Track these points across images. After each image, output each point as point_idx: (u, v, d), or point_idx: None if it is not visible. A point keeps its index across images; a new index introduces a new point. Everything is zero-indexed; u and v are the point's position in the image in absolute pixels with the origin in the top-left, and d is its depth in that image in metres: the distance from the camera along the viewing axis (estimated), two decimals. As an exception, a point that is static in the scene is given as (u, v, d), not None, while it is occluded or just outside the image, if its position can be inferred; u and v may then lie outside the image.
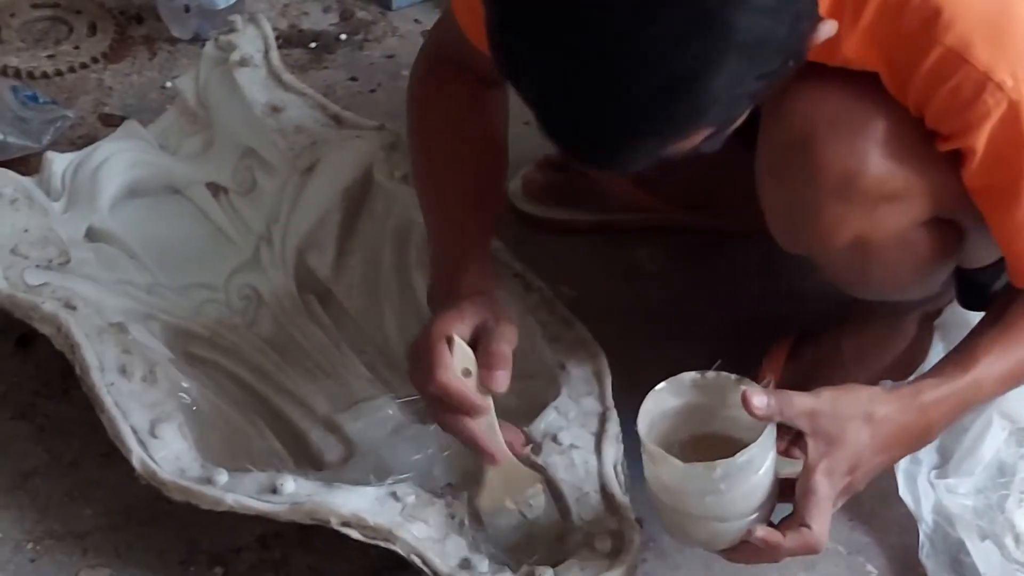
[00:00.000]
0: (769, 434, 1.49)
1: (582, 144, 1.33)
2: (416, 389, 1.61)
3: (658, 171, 1.36)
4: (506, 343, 1.56)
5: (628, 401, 1.74)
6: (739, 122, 1.38)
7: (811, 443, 1.51)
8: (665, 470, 1.50)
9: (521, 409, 1.73)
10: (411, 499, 1.61)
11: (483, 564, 1.58)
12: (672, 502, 1.53)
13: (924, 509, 1.75)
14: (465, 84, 1.75)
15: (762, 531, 1.51)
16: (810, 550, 1.51)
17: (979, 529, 1.72)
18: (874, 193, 1.51)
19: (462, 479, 1.68)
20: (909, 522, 1.76)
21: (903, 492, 1.76)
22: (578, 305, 1.86)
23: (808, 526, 1.50)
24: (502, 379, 1.55)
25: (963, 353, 1.59)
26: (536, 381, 1.76)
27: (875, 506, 1.80)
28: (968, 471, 1.78)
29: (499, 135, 1.78)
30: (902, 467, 1.76)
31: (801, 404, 1.51)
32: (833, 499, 1.51)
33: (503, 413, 1.69)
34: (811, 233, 1.57)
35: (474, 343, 1.57)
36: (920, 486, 1.77)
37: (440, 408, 1.57)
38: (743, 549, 1.54)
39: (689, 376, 1.56)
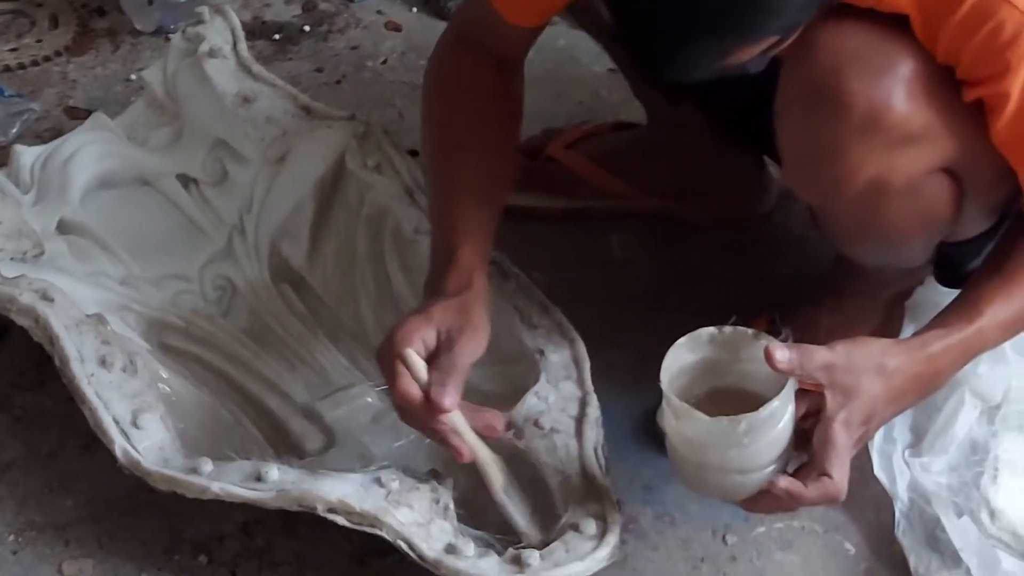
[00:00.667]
0: (790, 387, 1.52)
1: (658, 39, 1.37)
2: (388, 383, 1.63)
3: (712, 87, 1.43)
4: (465, 355, 1.59)
5: (604, 385, 1.77)
6: (791, 40, 1.43)
7: (829, 395, 1.54)
8: (689, 425, 1.53)
9: (503, 394, 1.76)
10: (395, 485, 1.62)
11: (469, 548, 1.60)
12: (694, 455, 1.56)
13: (900, 487, 1.77)
14: (486, 70, 1.77)
15: (785, 482, 1.54)
16: (831, 500, 1.55)
17: (955, 506, 1.74)
18: (897, 132, 1.53)
19: (445, 465, 1.69)
20: (885, 500, 1.78)
21: (878, 471, 1.78)
22: (551, 291, 1.88)
23: (829, 475, 1.53)
24: (449, 395, 1.57)
25: (966, 304, 1.63)
26: (517, 366, 1.78)
27: (851, 485, 1.80)
28: (942, 450, 1.80)
29: (514, 126, 1.81)
30: (877, 446, 1.79)
31: (820, 358, 1.54)
32: (850, 449, 1.55)
33: (485, 398, 1.71)
34: (831, 172, 1.58)
35: (437, 350, 1.60)
36: (895, 465, 1.79)
37: (404, 413, 1.61)
38: (761, 499, 1.57)
39: (707, 331, 1.59)
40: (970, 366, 1.72)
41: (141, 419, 1.69)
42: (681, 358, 1.58)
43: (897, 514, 1.76)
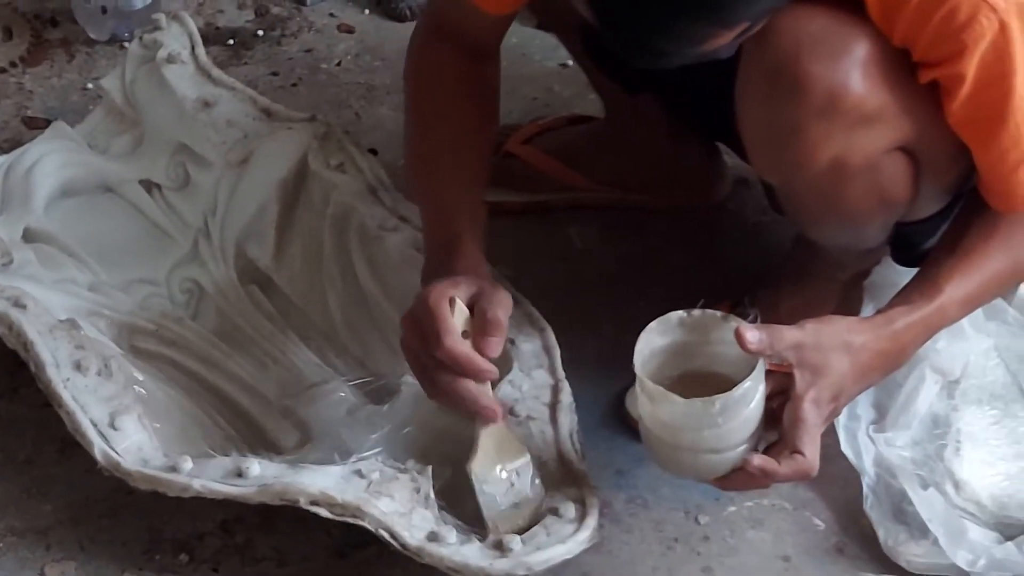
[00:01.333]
0: (761, 367, 1.56)
1: (637, 27, 1.41)
2: (410, 354, 1.64)
3: (670, 76, 1.48)
4: (501, 309, 1.62)
5: (572, 374, 1.79)
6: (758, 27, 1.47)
7: (798, 374, 1.58)
8: (664, 407, 1.56)
9: (475, 384, 1.78)
10: (376, 475, 1.64)
11: (451, 535, 1.62)
12: (668, 437, 1.59)
13: (866, 462, 1.81)
14: (461, 60, 1.80)
15: (759, 460, 1.57)
16: (804, 476, 1.58)
17: (920, 479, 1.78)
18: (855, 112, 1.57)
19: (423, 455, 1.71)
20: (851, 476, 1.81)
21: (844, 447, 1.81)
22: (516, 284, 1.89)
23: (801, 453, 1.56)
24: (496, 345, 1.61)
25: (926, 281, 1.68)
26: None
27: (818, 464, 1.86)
28: (905, 425, 1.84)
29: (492, 114, 1.84)
30: (842, 424, 1.82)
31: (790, 337, 1.57)
32: (820, 426, 1.59)
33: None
34: (792, 153, 1.61)
35: (469, 309, 1.62)
36: (860, 441, 1.82)
37: (440, 372, 1.61)
38: (735, 477, 1.60)
39: (676, 315, 1.62)
40: (930, 343, 1.76)
41: (119, 421, 1.70)
42: (652, 342, 1.61)
43: (864, 489, 1.79)
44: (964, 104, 1.57)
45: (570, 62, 2.43)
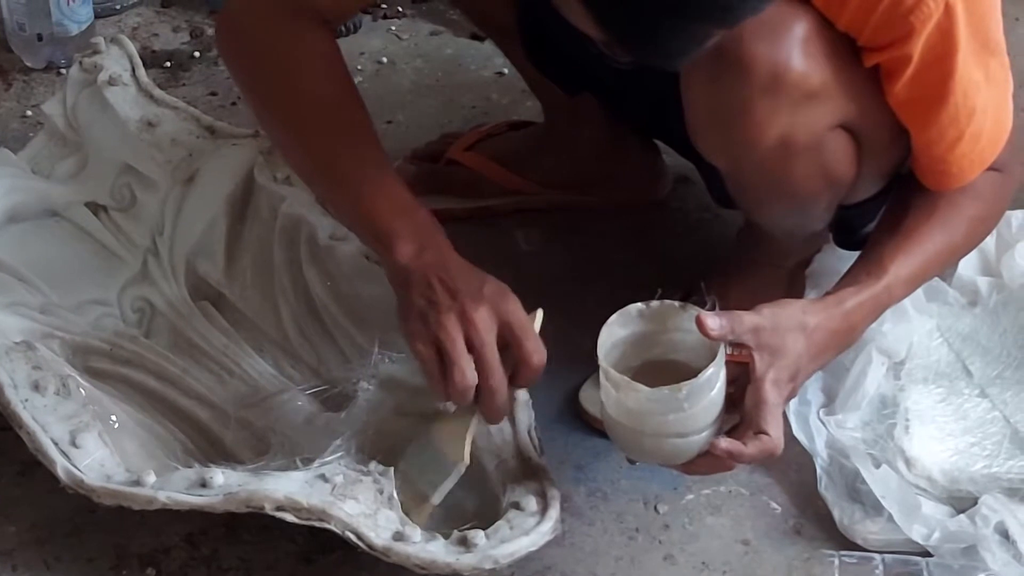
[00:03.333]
0: (722, 352, 1.59)
1: (646, 29, 1.42)
2: (449, 328, 1.63)
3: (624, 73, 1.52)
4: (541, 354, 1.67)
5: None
6: None
7: (757, 356, 1.62)
8: (630, 396, 1.60)
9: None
10: (339, 479, 1.66)
11: (415, 534, 1.63)
12: (634, 424, 1.62)
13: (818, 445, 1.84)
14: (319, 36, 1.76)
15: (725, 443, 1.60)
16: (770, 454, 1.62)
17: (872, 458, 1.81)
18: (798, 90, 1.61)
19: (383, 459, 1.73)
20: (805, 460, 1.85)
21: (797, 432, 1.85)
22: (464, 288, 1.93)
23: (766, 432, 1.60)
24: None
25: (872, 262, 1.73)
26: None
27: (772, 447, 1.89)
28: (854, 406, 1.87)
29: (350, 80, 1.80)
30: (793, 409, 1.85)
31: (749, 321, 1.62)
32: (781, 405, 1.63)
33: (420, 391, 1.76)
34: (739, 133, 1.65)
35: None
36: (812, 424, 1.86)
37: (467, 360, 1.62)
38: (701, 462, 1.63)
39: (636, 307, 1.66)
40: (875, 325, 1.81)
41: (79, 438, 1.71)
42: (614, 334, 1.65)
43: (818, 471, 1.83)
44: (908, 84, 1.63)
45: (506, 70, 2.46)
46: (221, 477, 1.67)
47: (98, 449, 1.71)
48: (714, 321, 1.59)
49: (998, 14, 1.68)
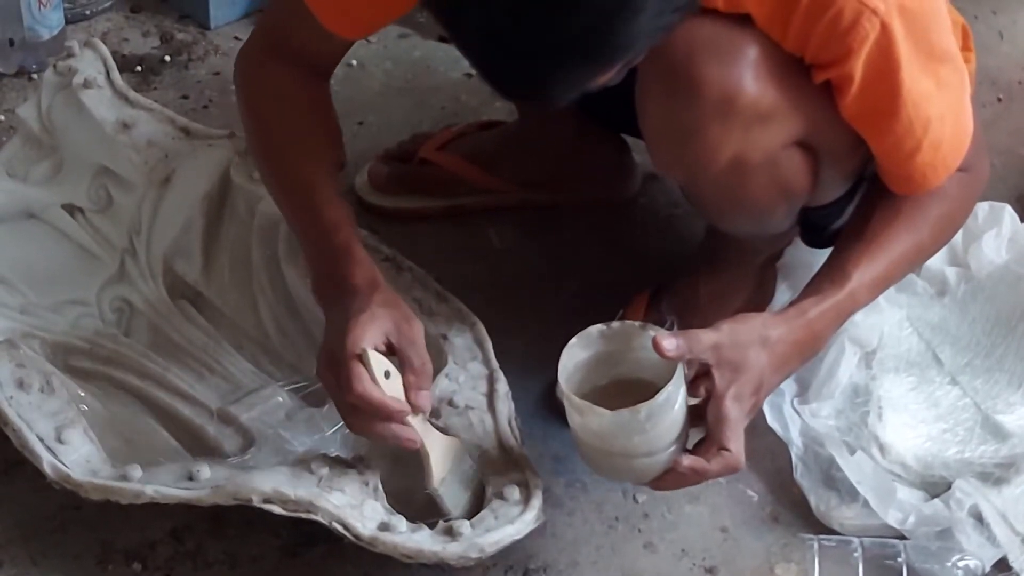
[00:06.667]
0: (680, 372, 1.60)
1: (522, 77, 1.44)
2: (329, 390, 1.68)
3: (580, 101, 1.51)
4: (423, 353, 1.67)
5: (502, 367, 1.84)
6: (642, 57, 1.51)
7: (717, 374, 1.62)
8: (593, 419, 1.61)
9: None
10: (325, 471, 1.68)
11: (401, 524, 1.66)
12: (601, 445, 1.64)
13: (793, 433, 1.87)
14: (302, 76, 1.83)
15: (688, 460, 1.62)
16: (732, 470, 1.64)
17: (847, 445, 1.85)
18: (750, 112, 1.63)
19: (368, 450, 1.75)
20: (780, 448, 1.88)
21: (771, 421, 1.88)
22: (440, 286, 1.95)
23: (728, 449, 1.62)
24: (427, 397, 1.67)
25: (835, 269, 1.73)
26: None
27: (747, 439, 1.89)
28: (828, 395, 1.90)
29: (338, 132, 1.87)
30: (767, 400, 1.88)
31: (706, 340, 1.62)
32: (743, 420, 1.64)
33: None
34: (693, 153, 1.66)
35: (390, 349, 1.66)
36: (786, 413, 1.89)
37: (358, 415, 1.65)
38: (668, 478, 1.65)
39: (596, 328, 1.67)
40: (847, 315, 1.83)
41: (65, 434, 1.73)
42: (575, 356, 1.66)
43: (794, 458, 1.86)
44: (855, 100, 1.64)
45: (475, 71, 2.48)
46: (208, 470, 1.69)
47: (84, 445, 1.73)
48: (670, 342, 1.60)
49: (943, 20, 1.69)
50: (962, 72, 1.73)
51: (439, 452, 1.68)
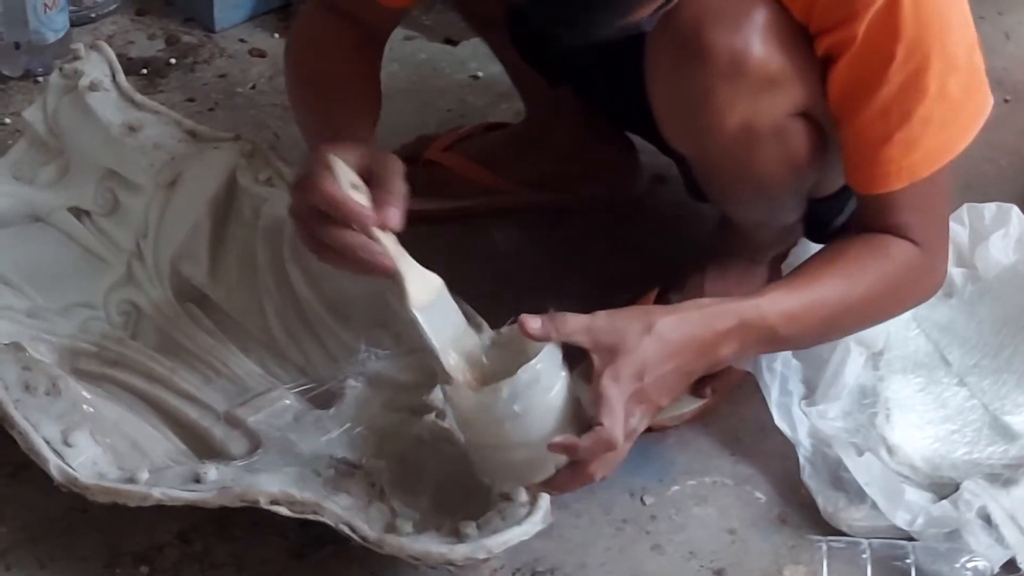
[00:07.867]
0: (550, 352, 1.56)
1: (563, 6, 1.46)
2: (297, 219, 1.64)
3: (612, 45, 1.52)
4: (397, 176, 1.63)
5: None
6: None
7: (595, 356, 1.57)
8: (461, 402, 1.58)
9: (418, 381, 1.82)
10: (331, 473, 1.68)
11: (407, 526, 1.66)
12: (476, 437, 1.60)
13: (800, 435, 1.87)
14: (352, 36, 1.84)
15: (559, 438, 1.55)
16: (607, 446, 1.55)
17: (855, 446, 1.84)
18: (758, 75, 1.64)
19: (373, 454, 1.75)
20: (788, 450, 1.87)
21: (779, 422, 1.87)
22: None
23: (600, 423, 1.55)
24: (396, 216, 1.61)
25: (756, 287, 1.81)
26: (427, 354, 1.83)
27: (754, 440, 1.92)
28: (835, 397, 1.90)
29: (378, 83, 1.88)
30: (774, 400, 1.88)
31: (576, 322, 1.58)
32: (624, 401, 1.56)
33: (401, 388, 1.79)
34: (702, 120, 1.68)
35: (364, 176, 1.62)
36: (794, 415, 1.88)
37: (325, 225, 1.60)
38: (559, 477, 1.59)
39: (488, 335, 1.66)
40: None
41: (71, 437, 1.73)
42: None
43: (801, 460, 1.85)
44: (846, 68, 1.65)
45: (480, 74, 2.49)
46: (215, 472, 1.69)
47: (91, 447, 1.73)
48: (534, 321, 1.57)
49: (964, 33, 1.68)
50: (972, 91, 1.70)
51: (417, 280, 1.62)
